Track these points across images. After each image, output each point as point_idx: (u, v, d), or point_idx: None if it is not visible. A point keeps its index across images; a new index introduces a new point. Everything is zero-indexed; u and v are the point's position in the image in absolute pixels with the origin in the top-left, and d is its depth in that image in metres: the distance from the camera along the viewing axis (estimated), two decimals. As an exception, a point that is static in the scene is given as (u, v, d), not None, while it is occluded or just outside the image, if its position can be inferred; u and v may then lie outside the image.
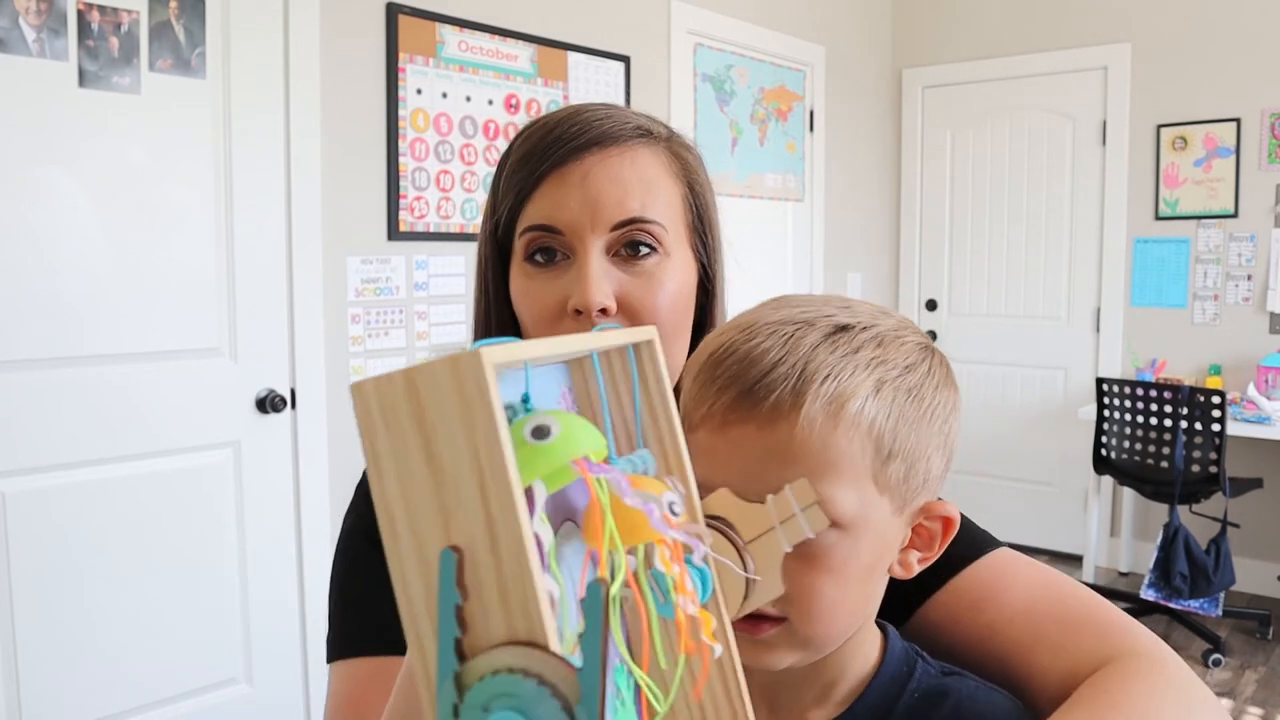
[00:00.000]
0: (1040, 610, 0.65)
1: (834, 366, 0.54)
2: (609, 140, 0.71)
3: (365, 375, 2.56)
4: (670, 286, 0.72)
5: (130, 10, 2.08)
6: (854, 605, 0.57)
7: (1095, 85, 4.17)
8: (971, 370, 4.57)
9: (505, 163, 0.75)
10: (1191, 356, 4.01)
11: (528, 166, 0.72)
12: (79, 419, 2.05)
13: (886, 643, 0.63)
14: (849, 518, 0.54)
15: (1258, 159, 3.84)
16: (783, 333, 0.55)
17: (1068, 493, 4.30)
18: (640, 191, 0.71)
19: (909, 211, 4.72)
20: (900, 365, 0.56)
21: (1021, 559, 0.71)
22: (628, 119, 0.74)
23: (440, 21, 2.67)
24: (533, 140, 0.73)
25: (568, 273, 0.71)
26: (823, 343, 0.55)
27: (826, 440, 0.53)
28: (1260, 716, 2.94)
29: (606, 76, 3.16)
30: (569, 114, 0.73)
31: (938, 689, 0.60)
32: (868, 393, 0.54)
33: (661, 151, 0.74)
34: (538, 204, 0.71)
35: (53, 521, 2.02)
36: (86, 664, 2.08)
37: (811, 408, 0.52)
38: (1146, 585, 3.30)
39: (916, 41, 4.64)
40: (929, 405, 0.56)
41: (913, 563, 0.60)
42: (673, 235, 0.73)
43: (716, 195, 0.80)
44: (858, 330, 0.56)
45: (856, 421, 0.53)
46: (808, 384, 0.53)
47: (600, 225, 0.70)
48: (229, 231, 2.28)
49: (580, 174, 0.70)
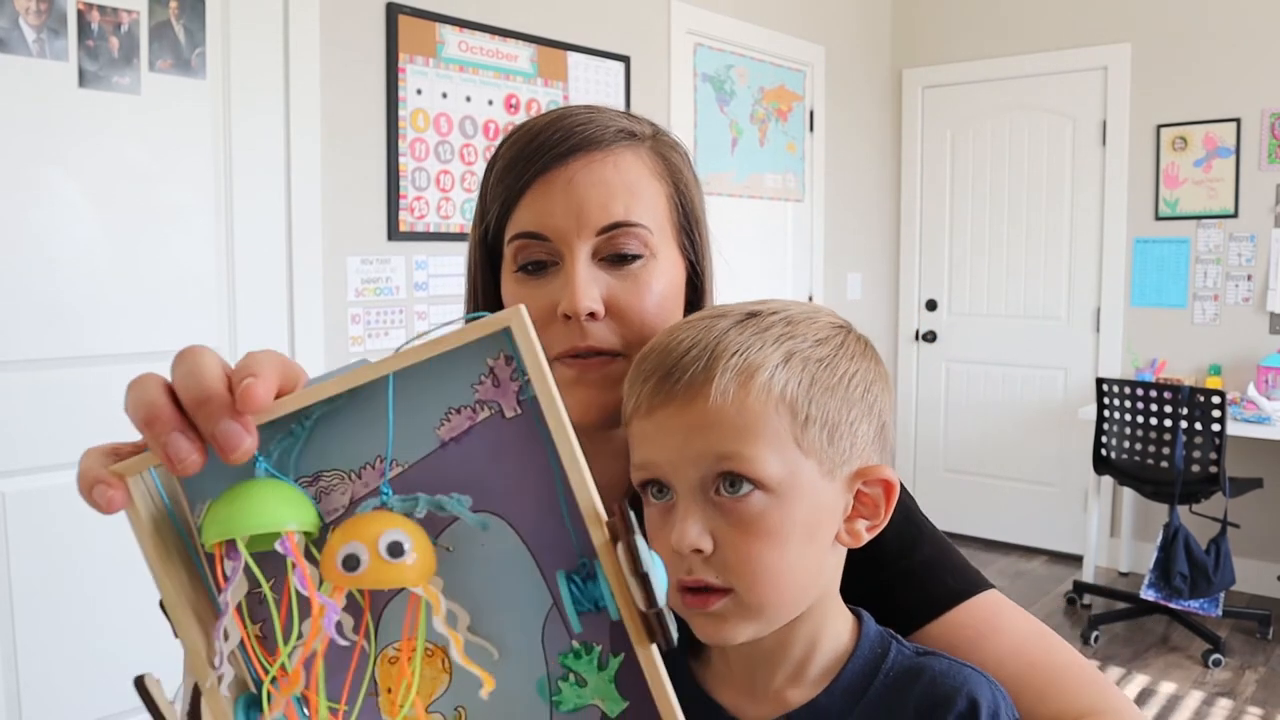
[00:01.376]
0: (1029, 657, 0.68)
1: (742, 344, 0.58)
2: (592, 144, 0.72)
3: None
4: (657, 288, 0.73)
5: (130, 10, 2.08)
6: (799, 570, 0.59)
7: (1095, 85, 4.17)
8: (971, 370, 4.57)
9: (492, 169, 0.76)
10: (1191, 356, 4.01)
11: (513, 173, 0.73)
12: (79, 419, 2.05)
13: (862, 626, 0.65)
14: (774, 480, 0.57)
15: (1258, 159, 3.84)
16: (698, 325, 0.60)
17: (1068, 493, 4.30)
18: (624, 195, 0.72)
19: (909, 211, 4.72)
20: (810, 339, 0.60)
21: (1011, 604, 0.74)
22: (610, 122, 0.74)
23: (440, 21, 2.67)
24: (517, 146, 0.74)
25: (557, 278, 0.71)
26: (733, 327, 0.59)
27: (740, 407, 0.56)
28: (1260, 716, 2.94)
29: (606, 76, 3.16)
30: (552, 119, 0.74)
31: (912, 668, 0.62)
32: (776, 363, 0.58)
33: (645, 153, 0.75)
34: (524, 211, 0.72)
35: (53, 521, 2.02)
36: (86, 664, 2.08)
37: (721, 380, 0.57)
38: (1146, 585, 3.30)
39: (916, 41, 4.64)
40: (844, 373, 0.60)
41: (861, 531, 0.62)
42: (659, 236, 0.74)
43: (716, 196, 0.80)
44: (767, 315, 0.61)
45: (768, 388, 0.57)
46: (717, 360, 0.57)
47: (586, 230, 0.70)
48: (229, 231, 2.28)
49: (565, 180, 0.71)
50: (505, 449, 0.44)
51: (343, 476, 0.45)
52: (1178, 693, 3.09)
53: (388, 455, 0.44)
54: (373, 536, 0.40)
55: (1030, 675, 0.67)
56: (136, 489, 0.41)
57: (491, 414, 0.44)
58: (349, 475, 0.45)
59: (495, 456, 0.44)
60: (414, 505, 0.43)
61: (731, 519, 0.57)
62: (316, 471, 0.45)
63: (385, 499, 0.43)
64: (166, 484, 0.44)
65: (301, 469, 0.45)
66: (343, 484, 0.45)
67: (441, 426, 0.44)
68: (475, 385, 0.44)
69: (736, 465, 0.56)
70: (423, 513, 0.43)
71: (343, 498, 0.45)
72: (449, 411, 0.44)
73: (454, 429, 0.44)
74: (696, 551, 0.56)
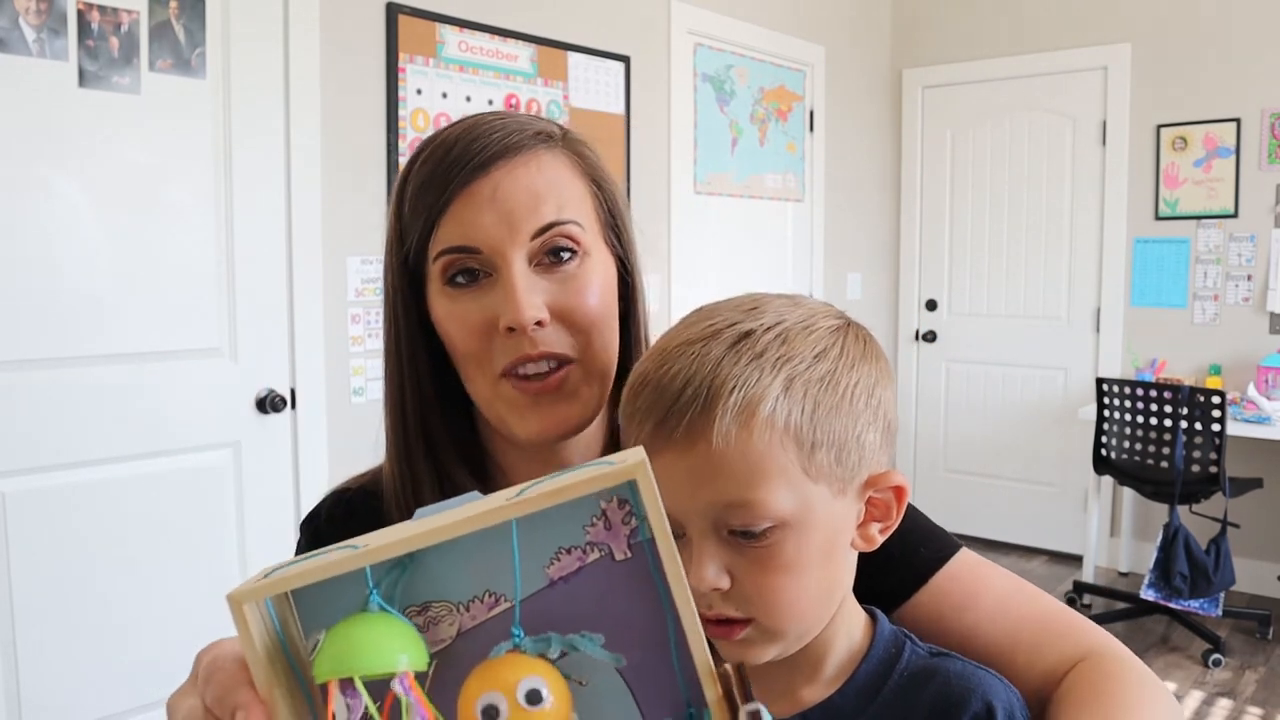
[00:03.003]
0: (1017, 612, 0.69)
1: (739, 377, 0.55)
2: (512, 151, 0.70)
3: (365, 375, 2.56)
4: (596, 285, 0.72)
5: (130, 10, 2.08)
6: (819, 591, 0.59)
7: (1095, 85, 4.17)
8: (971, 370, 4.57)
9: (405, 189, 0.73)
10: (1191, 356, 4.01)
11: (433, 190, 0.70)
12: (79, 419, 2.05)
13: (876, 625, 0.65)
14: (786, 514, 0.55)
15: (1258, 159, 3.84)
16: (689, 353, 0.57)
17: (1068, 493, 4.30)
18: (552, 196, 0.70)
19: (909, 211, 4.72)
20: (808, 357, 0.57)
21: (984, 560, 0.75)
22: (525, 125, 0.73)
23: (440, 21, 2.67)
24: (431, 162, 0.71)
25: (493, 291, 0.69)
26: (727, 354, 0.56)
27: (744, 450, 0.54)
28: (1260, 716, 2.94)
29: (606, 76, 3.16)
30: (464, 129, 0.72)
31: (926, 669, 0.62)
32: (777, 394, 0.55)
33: (561, 152, 0.74)
34: (449, 226, 0.70)
35: (53, 521, 2.02)
36: (86, 664, 2.08)
37: (722, 423, 0.54)
38: (1146, 585, 3.30)
39: (916, 41, 4.64)
40: (846, 387, 0.58)
41: (874, 535, 0.62)
42: (590, 234, 0.73)
43: (716, 196, 0.80)
44: (761, 333, 0.57)
45: (770, 423, 0.55)
46: (715, 399, 0.55)
47: (519, 237, 0.69)
48: (229, 232, 2.28)
49: (489, 189, 0.69)
50: (613, 591, 0.44)
51: (450, 608, 0.44)
52: (1178, 693, 3.09)
53: (516, 598, 0.44)
54: (510, 685, 0.40)
55: (1021, 629, 0.68)
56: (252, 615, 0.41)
57: (601, 555, 0.44)
58: (457, 608, 0.44)
59: (602, 598, 0.44)
60: (546, 646, 0.43)
61: (748, 556, 0.56)
62: (425, 601, 0.44)
63: (518, 641, 0.43)
64: (279, 611, 0.44)
65: (410, 598, 0.44)
66: (450, 615, 0.44)
67: (551, 565, 0.44)
68: (587, 527, 0.43)
69: (745, 517, 0.55)
70: (555, 654, 0.43)
71: (450, 629, 0.44)
72: (559, 551, 0.44)
73: (563, 569, 0.44)
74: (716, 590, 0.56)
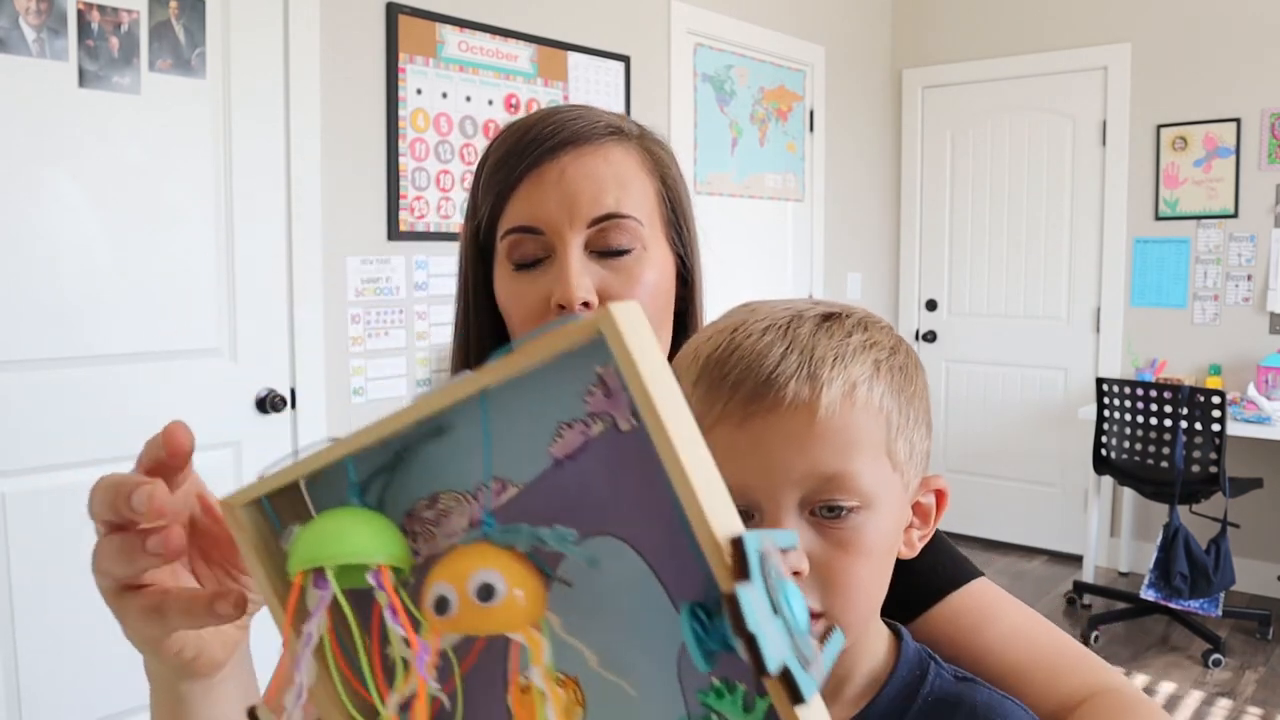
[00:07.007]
0: (1031, 638, 0.69)
1: (838, 350, 0.55)
2: (582, 139, 0.74)
3: (365, 375, 2.56)
4: (649, 280, 0.74)
5: (130, 10, 2.08)
6: (881, 588, 0.58)
7: (1095, 85, 4.17)
8: (971, 370, 4.57)
9: (483, 167, 0.77)
10: (1191, 356, 4.01)
11: (505, 169, 0.74)
12: (79, 419, 2.05)
13: (900, 643, 0.63)
14: (871, 494, 0.55)
15: (1257, 159, 3.84)
16: (778, 325, 0.56)
17: (1068, 493, 4.30)
18: (615, 187, 0.73)
19: (909, 211, 4.72)
20: (887, 347, 0.58)
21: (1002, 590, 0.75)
22: (599, 118, 0.76)
23: (440, 21, 2.67)
24: (509, 143, 0.75)
25: (549, 272, 0.73)
26: (819, 330, 0.56)
27: (846, 421, 0.54)
28: (1260, 716, 2.94)
29: (606, 76, 3.16)
30: (542, 116, 0.76)
31: (952, 695, 0.60)
32: (869, 374, 0.56)
33: (634, 148, 0.76)
34: (517, 205, 0.73)
35: (53, 521, 2.02)
36: (86, 664, 2.07)
37: (829, 392, 0.54)
38: (1146, 585, 3.30)
39: (916, 41, 4.64)
40: (917, 383, 0.59)
41: (915, 541, 0.61)
42: (649, 229, 0.75)
43: (717, 196, 0.81)
44: (843, 317, 0.58)
45: (869, 401, 0.55)
46: (819, 369, 0.54)
47: (578, 222, 0.72)
48: (229, 231, 2.28)
49: (556, 173, 0.72)
50: (625, 466, 0.38)
51: (459, 499, 0.41)
52: (1178, 693, 3.09)
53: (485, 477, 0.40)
54: (462, 576, 0.36)
55: (1038, 655, 0.68)
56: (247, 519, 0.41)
57: (606, 428, 0.38)
58: (465, 497, 0.41)
59: (614, 475, 0.38)
60: (515, 537, 0.39)
61: (831, 539, 0.54)
62: (434, 492, 0.41)
63: (488, 530, 0.39)
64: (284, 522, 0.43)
65: (414, 493, 0.42)
66: (460, 506, 0.41)
67: (554, 444, 0.39)
68: (586, 397, 0.38)
69: (840, 489, 0.53)
70: (525, 547, 0.39)
71: (461, 520, 0.41)
72: (560, 427, 0.39)
73: (567, 446, 0.39)
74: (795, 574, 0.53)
